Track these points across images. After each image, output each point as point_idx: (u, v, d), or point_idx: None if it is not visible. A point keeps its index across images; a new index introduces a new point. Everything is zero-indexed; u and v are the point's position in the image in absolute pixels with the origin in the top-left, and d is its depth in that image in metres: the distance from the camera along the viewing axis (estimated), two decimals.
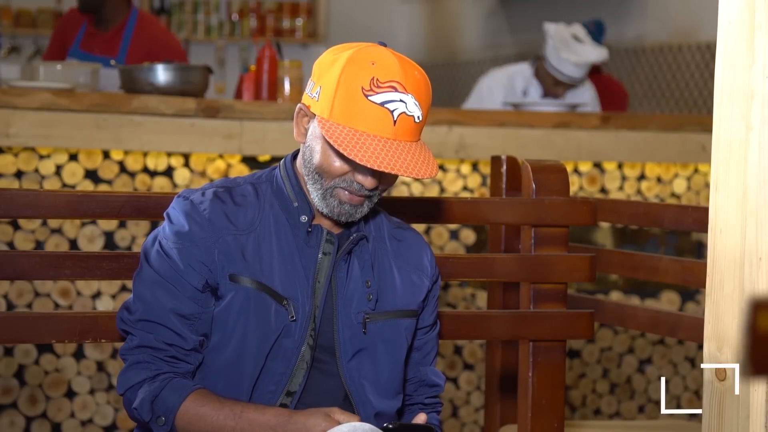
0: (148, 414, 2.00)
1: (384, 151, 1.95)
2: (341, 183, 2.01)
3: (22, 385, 3.71)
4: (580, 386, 4.21)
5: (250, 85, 4.20)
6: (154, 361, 2.02)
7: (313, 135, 2.02)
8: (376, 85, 1.96)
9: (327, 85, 1.99)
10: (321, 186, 2.02)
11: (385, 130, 1.96)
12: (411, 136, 1.99)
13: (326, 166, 2.00)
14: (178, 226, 2.03)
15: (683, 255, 4.18)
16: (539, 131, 4.10)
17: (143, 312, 2.02)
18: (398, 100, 1.97)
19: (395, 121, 1.96)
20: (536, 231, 2.39)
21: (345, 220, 2.05)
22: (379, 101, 1.96)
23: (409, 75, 1.98)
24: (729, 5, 1.93)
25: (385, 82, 1.97)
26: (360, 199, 2.02)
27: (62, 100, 3.69)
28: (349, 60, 1.98)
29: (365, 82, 1.96)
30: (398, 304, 2.13)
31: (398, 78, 1.97)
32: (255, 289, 2.02)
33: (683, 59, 5.86)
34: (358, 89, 1.96)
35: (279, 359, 2.03)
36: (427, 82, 2.02)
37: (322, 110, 1.99)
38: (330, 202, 2.02)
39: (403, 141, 1.97)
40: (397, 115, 1.96)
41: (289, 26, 8.03)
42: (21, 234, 3.71)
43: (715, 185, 1.96)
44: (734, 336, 1.92)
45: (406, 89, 1.97)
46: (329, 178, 2.01)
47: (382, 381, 2.10)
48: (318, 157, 2.01)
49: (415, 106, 1.98)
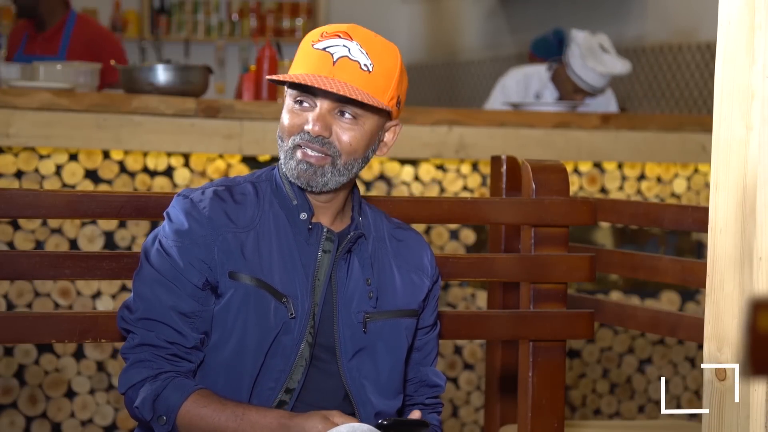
0: (149, 413, 2.00)
1: (316, 80, 1.98)
2: (297, 139, 2.02)
3: (22, 385, 3.71)
4: (580, 386, 4.21)
5: (250, 85, 4.20)
6: (155, 360, 2.02)
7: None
8: (323, 36, 2.02)
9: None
10: (283, 150, 2.05)
11: (323, 69, 1.99)
12: (356, 81, 2.00)
13: (282, 124, 2.04)
14: (178, 225, 2.03)
15: (683, 255, 4.18)
16: (539, 131, 4.10)
17: (144, 310, 2.02)
18: (341, 45, 2.01)
19: (335, 61, 2.00)
20: (536, 231, 2.39)
21: (306, 182, 2.03)
22: (321, 47, 2.01)
23: (360, 30, 2.03)
24: (729, 5, 1.93)
25: (332, 32, 2.02)
26: (317, 157, 2.01)
27: (62, 100, 3.69)
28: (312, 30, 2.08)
29: (315, 35, 2.03)
30: (398, 303, 2.13)
31: (346, 28, 2.03)
32: (254, 286, 2.02)
33: (683, 59, 5.86)
34: (308, 42, 2.03)
35: (278, 356, 2.03)
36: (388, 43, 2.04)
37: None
38: (290, 165, 2.03)
39: (342, 81, 1.99)
40: (338, 57, 2.00)
41: (289, 26, 8.03)
42: (21, 234, 3.71)
43: (715, 185, 1.96)
44: (734, 336, 1.92)
45: (352, 37, 2.02)
46: (287, 136, 2.04)
47: (382, 381, 2.10)
48: (281, 121, 2.06)
49: (361, 53, 2.01)
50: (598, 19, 6.36)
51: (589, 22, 6.19)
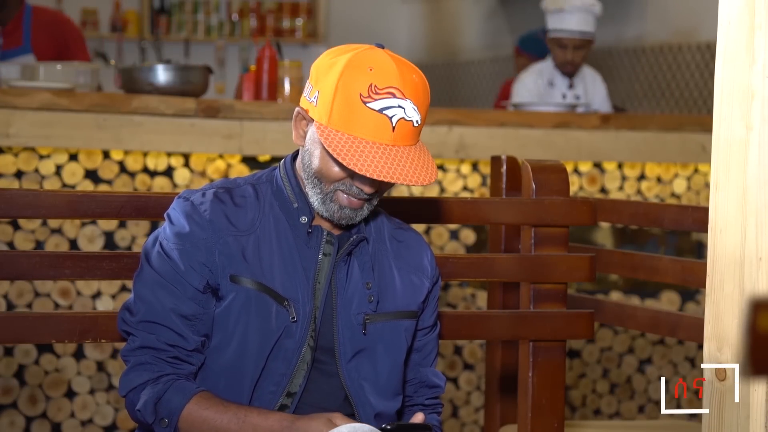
0: (151, 416, 2.00)
1: (383, 158, 1.94)
2: (340, 186, 2.01)
3: (22, 385, 3.71)
4: (580, 386, 4.21)
5: (250, 85, 4.20)
6: (156, 363, 2.02)
7: (311, 140, 2.02)
8: (374, 91, 1.96)
9: (325, 91, 1.98)
10: (321, 190, 2.02)
11: (383, 137, 1.95)
12: (410, 140, 1.98)
13: (325, 171, 2.00)
14: (179, 227, 2.03)
15: (683, 255, 4.18)
16: (539, 131, 4.10)
17: (145, 313, 2.02)
18: (397, 106, 1.96)
19: (394, 127, 1.96)
20: (536, 231, 2.39)
21: (345, 223, 2.05)
22: (377, 108, 1.95)
23: (407, 79, 1.98)
24: (729, 5, 1.93)
25: (384, 89, 1.96)
26: (359, 202, 2.02)
27: (62, 100, 3.69)
28: (347, 65, 1.97)
29: (363, 88, 1.95)
30: (398, 305, 2.13)
31: (396, 83, 1.96)
32: (256, 290, 2.02)
33: (683, 59, 5.86)
34: (356, 96, 1.95)
35: (280, 360, 2.03)
36: (425, 84, 2.02)
37: (321, 116, 1.98)
38: (330, 207, 2.02)
39: (401, 146, 1.97)
40: (396, 120, 1.96)
41: (289, 26, 8.03)
42: (21, 234, 3.71)
43: (715, 185, 1.96)
44: (734, 336, 1.92)
45: (404, 95, 1.96)
46: (328, 182, 2.01)
47: (381, 382, 2.10)
48: (317, 162, 2.01)
49: (413, 110, 1.97)
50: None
51: None
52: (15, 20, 4.99)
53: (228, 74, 7.36)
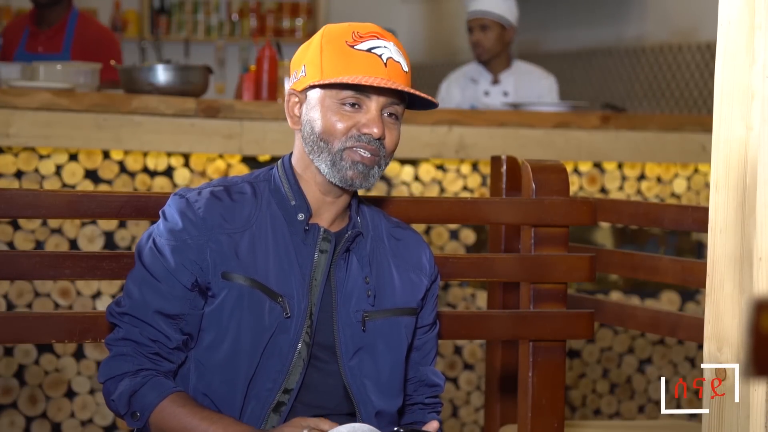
0: (124, 407, 2.01)
1: (383, 81, 1.98)
2: (348, 142, 2.01)
3: (22, 385, 3.71)
4: (580, 386, 4.21)
5: (250, 85, 4.20)
6: (137, 356, 2.03)
7: (308, 109, 2.05)
8: (357, 35, 2.02)
9: (311, 58, 2.04)
10: (329, 152, 2.02)
11: (378, 71, 2.00)
12: (402, 82, 2.02)
13: (329, 127, 2.01)
14: (172, 224, 2.04)
15: (683, 255, 4.18)
16: (539, 131, 4.10)
17: (130, 308, 2.04)
18: (383, 46, 2.02)
19: (385, 63, 2.00)
20: (536, 231, 2.39)
21: (359, 184, 2.03)
22: (365, 48, 2.01)
23: (383, 30, 2.05)
24: (729, 5, 1.93)
25: (366, 33, 2.02)
26: (371, 158, 2.02)
27: (62, 100, 3.69)
28: (324, 31, 2.06)
29: (347, 36, 2.02)
30: (397, 302, 2.13)
31: (375, 30, 2.03)
32: (248, 286, 2.02)
33: (683, 59, 5.86)
34: (342, 44, 2.01)
35: (275, 357, 2.03)
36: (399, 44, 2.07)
37: (313, 77, 2.02)
38: (341, 167, 2.02)
39: (396, 82, 2.00)
40: (386, 58, 2.01)
41: (289, 26, 8.03)
42: (21, 234, 3.71)
43: (715, 185, 1.96)
44: (734, 336, 1.92)
45: (386, 38, 2.03)
46: (335, 139, 2.01)
47: (383, 379, 2.10)
48: (319, 123, 2.02)
49: (398, 54, 2.03)
50: (598, 19, 6.36)
51: (589, 22, 6.20)
52: (60, 24, 4.95)
53: (228, 74, 7.36)
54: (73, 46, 4.91)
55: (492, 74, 5.04)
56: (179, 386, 2.04)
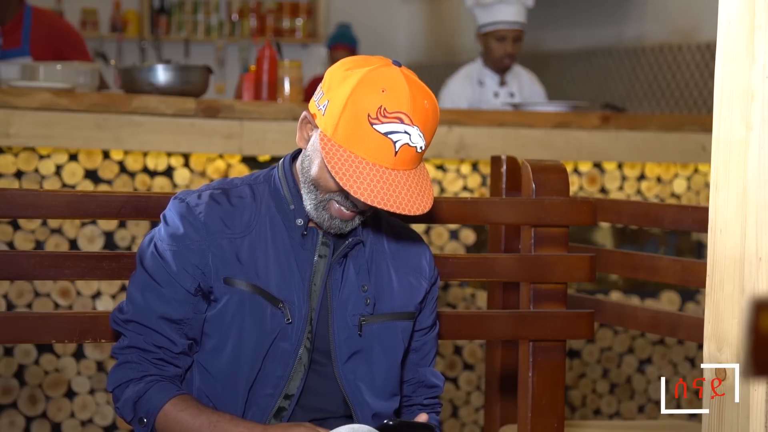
0: (130, 413, 2.02)
1: (380, 182, 1.94)
2: (335, 197, 2.01)
3: (22, 385, 3.71)
4: (580, 386, 4.21)
5: (250, 85, 4.19)
6: (141, 362, 2.04)
7: (314, 146, 2.02)
8: (382, 114, 1.94)
9: (335, 102, 1.97)
10: (315, 197, 2.02)
11: (385, 160, 1.95)
12: (411, 165, 1.98)
13: (322, 181, 2.01)
14: (174, 229, 2.04)
15: (683, 255, 4.18)
16: (539, 131, 4.10)
17: (134, 314, 2.04)
18: (403, 132, 1.95)
19: (396, 152, 1.95)
20: (536, 231, 2.39)
21: (334, 232, 2.05)
22: (383, 131, 1.94)
23: (417, 105, 1.96)
24: (729, 5, 1.93)
25: (392, 113, 1.95)
26: (350, 214, 2.03)
27: (62, 100, 3.69)
28: (360, 81, 1.96)
29: (372, 109, 1.94)
30: (395, 306, 2.12)
31: (406, 109, 1.95)
32: (250, 292, 2.02)
33: (683, 59, 5.86)
34: (364, 115, 1.94)
35: (276, 362, 2.03)
36: (435, 110, 2.00)
37: (326, 127, 1.98)
38: (321, 215, 2.03)
39: (401, 170, 1.96)
40: (400, 146, 1.95)
41: (289, 26, 8.02)
42: (21, 234, 3.71)
43: (715, 185, 1.96)
44: (734, 336, 1.92)
45: (412, 121, 1.95)
46: (323, 191, 2.01)
47: (378, 383, 2.10)
48: (315, 170, 2.01)
49: (419, 137, 1.97)
50: (598, 19, 6.36)
51: (589, 22, 6.20)
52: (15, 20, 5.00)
53: (228, 74, 7.36)
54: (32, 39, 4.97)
55: (499, 76, 5.06)
56: (184, 389, 2.04)
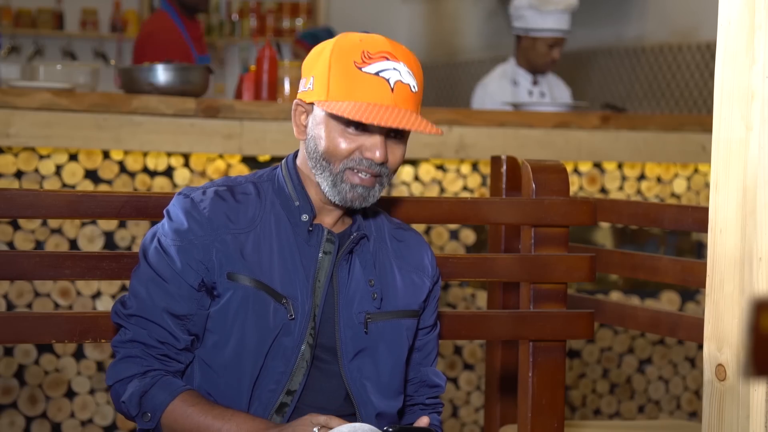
0: (135, 409, 2.01)
1: (387, 112, 1.96)
2: (350, 163, 2.00)
3: (22, 385, 3.71)
4: (580, 386, 4.21)
5: (250, 85, 4.20)
6: (145, 357, 2.03)
7: (314, 123, 2.03)
8: (367, 56, 1.99)
9: (319, 72, 2.01)
10: (330, 172, 2.02)
11: (384, 98, 1.97)
12: (409, 105, 2.00)
13: (332, 148, 2.01)
14: (178, 224, 2.03)
15: (683, 255, 4.18)
16: (539, 131, 4.10)
17: (137, 308, 2.03)
18: (392, 69, 1.99)
19: (392, 88, 1.98)
20: (536, 231, 2.39)
21: (358, 205, 2.03)
22: (373, 71, 1.98)
23: (397, 47, 2.02)
24: (729, 5, 1.93)
25: (376, 53, 1.99)
26: (371, 179, 2.02)
27: (62, 100, 3.69)
28: (335, 43, 2.02)
29: (356, 56, 1.99)
30: (399, 304, 2.12)
31: (387, 49, 2.00)
32: (253, 287, 2.02)
33: (683, 59, 5.86)
34: (350, 64, 1.99)
35: (279, 358, 2.03)
36: (415, 57, 2.05)
37: (319, 95, 2.01)
38: (342, 188, 2.02)
39: (402, 108, 1.98)
40: (393, 82, 1.98)
41: (289, 26, 8.03)
42: (21, 234, 3.71)
43: (715, 185, 1.96)
44: (734, 336, 1.92)
45: (397, 58, 2.00)
46: (337, 160, 2.01)
47: (383, 381, 2.10)
48: (323, 142, 2.01)
49: (409, 75, 2.00)
50: (598, 19, 6.36)
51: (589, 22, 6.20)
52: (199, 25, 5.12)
53: (228, 74, 7.37)
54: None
55: (532, 76, 5.13)
56: (188, 385, 2.04)
